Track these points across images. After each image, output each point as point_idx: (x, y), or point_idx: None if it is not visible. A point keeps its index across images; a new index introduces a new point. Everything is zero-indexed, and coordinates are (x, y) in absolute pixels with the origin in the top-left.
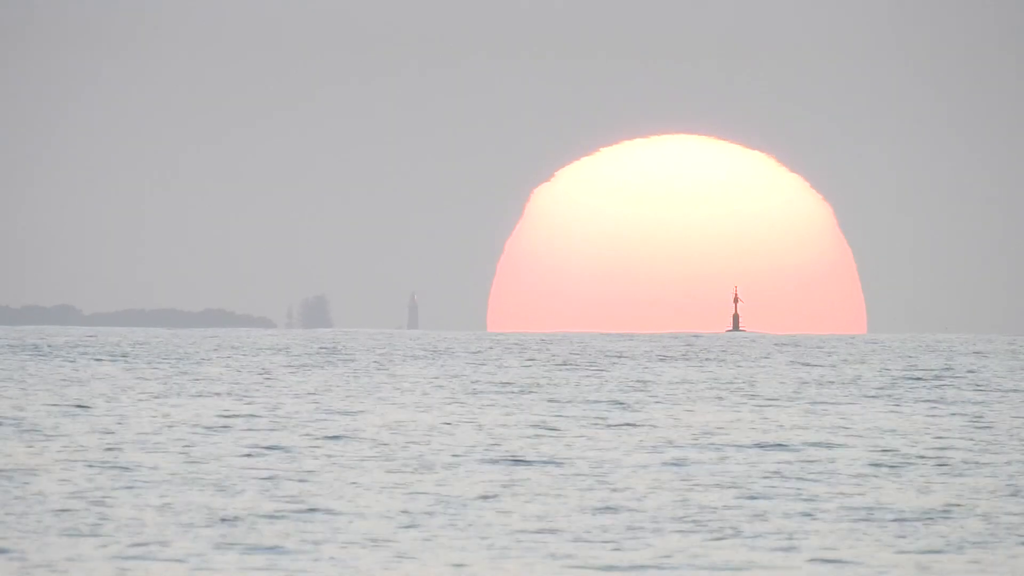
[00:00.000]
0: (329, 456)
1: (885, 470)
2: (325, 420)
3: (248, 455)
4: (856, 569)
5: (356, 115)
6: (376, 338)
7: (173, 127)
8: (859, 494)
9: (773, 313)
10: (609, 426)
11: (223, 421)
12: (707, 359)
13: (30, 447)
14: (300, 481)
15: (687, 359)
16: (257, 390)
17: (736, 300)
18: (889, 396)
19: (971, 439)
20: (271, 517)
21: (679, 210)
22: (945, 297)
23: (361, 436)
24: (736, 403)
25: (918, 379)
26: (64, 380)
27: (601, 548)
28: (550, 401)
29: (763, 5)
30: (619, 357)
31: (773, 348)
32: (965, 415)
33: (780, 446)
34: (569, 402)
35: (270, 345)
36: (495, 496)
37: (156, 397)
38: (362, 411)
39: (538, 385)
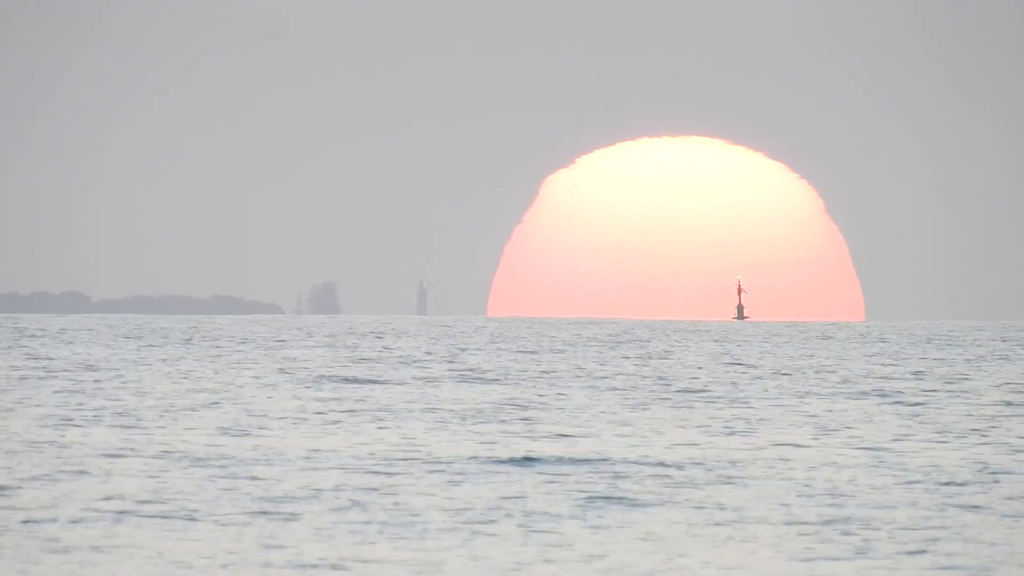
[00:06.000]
0: None
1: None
2: None
3: None
4: None
5: (368, 101)
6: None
7: (182, 115)
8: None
9: (773, 302)
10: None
11: None
12: None
13: None
14: None
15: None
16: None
17: (740, 291)
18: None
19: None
20: None
21: (679, 203)
22: (940, 283)
23: None
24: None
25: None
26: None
27: None
28: None
29: (748, 5)
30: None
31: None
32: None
33: None
34: None
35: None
36: None
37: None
38: None
39: None
